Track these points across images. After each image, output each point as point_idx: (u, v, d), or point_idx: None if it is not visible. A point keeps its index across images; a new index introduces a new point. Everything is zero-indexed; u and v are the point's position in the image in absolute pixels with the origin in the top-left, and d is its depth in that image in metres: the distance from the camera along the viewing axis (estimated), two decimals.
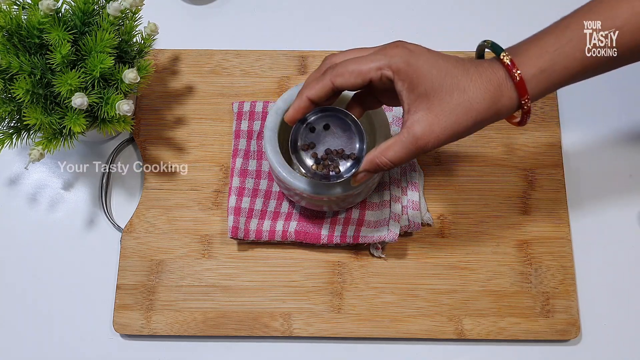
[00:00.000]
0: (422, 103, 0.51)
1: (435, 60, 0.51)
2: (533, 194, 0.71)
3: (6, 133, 0.64)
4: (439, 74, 0.50)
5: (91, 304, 0.68)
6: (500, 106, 0.51)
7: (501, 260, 0.68)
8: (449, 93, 0.50)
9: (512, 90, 0.51)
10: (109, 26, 0.62)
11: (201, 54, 0.77)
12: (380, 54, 0.51)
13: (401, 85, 0.51)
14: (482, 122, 0.52)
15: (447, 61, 0.51)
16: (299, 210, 0.69)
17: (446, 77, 0.50)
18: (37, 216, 0.72)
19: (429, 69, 0.50)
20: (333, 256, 0.69)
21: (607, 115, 0.76)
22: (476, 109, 0.51)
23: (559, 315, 0.66)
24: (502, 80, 0.51)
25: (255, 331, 0.66)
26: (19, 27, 0.61)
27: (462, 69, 0.51)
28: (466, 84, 0.50)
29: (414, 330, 0.66)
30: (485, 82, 0.51)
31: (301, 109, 0.54)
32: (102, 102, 0.62)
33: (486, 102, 0.51)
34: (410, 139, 0.51)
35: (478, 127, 0.52)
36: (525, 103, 0.51)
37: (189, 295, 0.67)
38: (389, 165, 0.53)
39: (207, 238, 0.70)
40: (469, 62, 0.52)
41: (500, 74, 0.51)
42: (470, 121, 0.51)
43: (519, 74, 0.50)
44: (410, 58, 0.50)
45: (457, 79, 0.50)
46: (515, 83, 0.50)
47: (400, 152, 0.52)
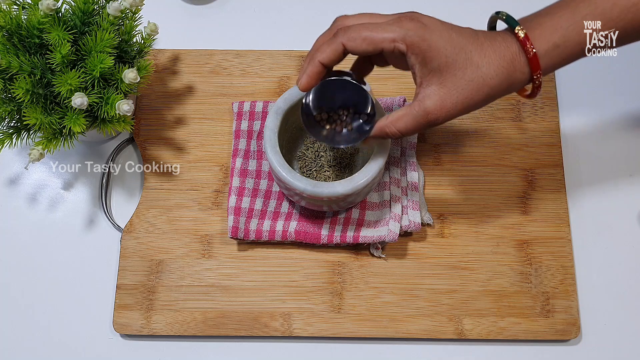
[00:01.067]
0: (435, 77, 0.51)
1: (449, 35, 0.51)
2: (533, 194, 0.71)
3: (6, 133, 0.64)
4: (452, 50, 0.50)
5: (91, 304, 0.68)
6: (512, 81, 0.52)
7: (501, 260, 0.68)
8: (462, 69, 0.51)
9: (524, 65, 0.51)
10: (109, 26, 0.62)
11: (201, 54, 0.77)
12: (395, 25, 0.51)
13: (414, 59, 0.51)
14: (494, 96, 0.52)
15: (461, 35, 0.51)
16: (299, 210, 0.69)
17: (460, 52, 0.50)
18: (36, 216, 0.72)
19: (443, 44, 0.50)
20: (333, 256, 0.69)
21: (608, 115, 0.76)
22: (489, 85, 0.51)
23: (559, 315, 0.66)
24: (515, 54, 0.51)
25: (255, 331, 0.66)
26: (19, 27, 0.61)
27: (476, 44, 0.51)
28: (480, 60, 0.51)
29: (414, 330, 0.66)
30: (499, 58, 0.51)
31: (315, 74, 0.53)
32: (102, 102, 0.62)
33: (499, 77, 0.51)
34: (422, 112, 0.52)
35: (489, 101, 0.53)
36: (537, 78, 0.52)
37: (189, 295, 0.67)
38: (397, 135, 0.54)
39: (207, 238, 0.70)
40: (483, 36, 0.52)
41: (514, 49, 0.51)
42: (483, 96, 0.52)
43: (533, 49, 0.50)
44: (425, 32, 0.50)
45: (470, 54, 0.51)
46: (529, 58, 0.51)
47: (410, 123, 0.53)
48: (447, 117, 0.52)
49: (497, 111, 0.74)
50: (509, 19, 0.52)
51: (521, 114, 0.74)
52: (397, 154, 0.70)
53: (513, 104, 0.74)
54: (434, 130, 0.73)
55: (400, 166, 0.70)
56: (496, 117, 0.74)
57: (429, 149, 0.73)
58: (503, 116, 0.74)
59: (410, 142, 0.71)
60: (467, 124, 0.74)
